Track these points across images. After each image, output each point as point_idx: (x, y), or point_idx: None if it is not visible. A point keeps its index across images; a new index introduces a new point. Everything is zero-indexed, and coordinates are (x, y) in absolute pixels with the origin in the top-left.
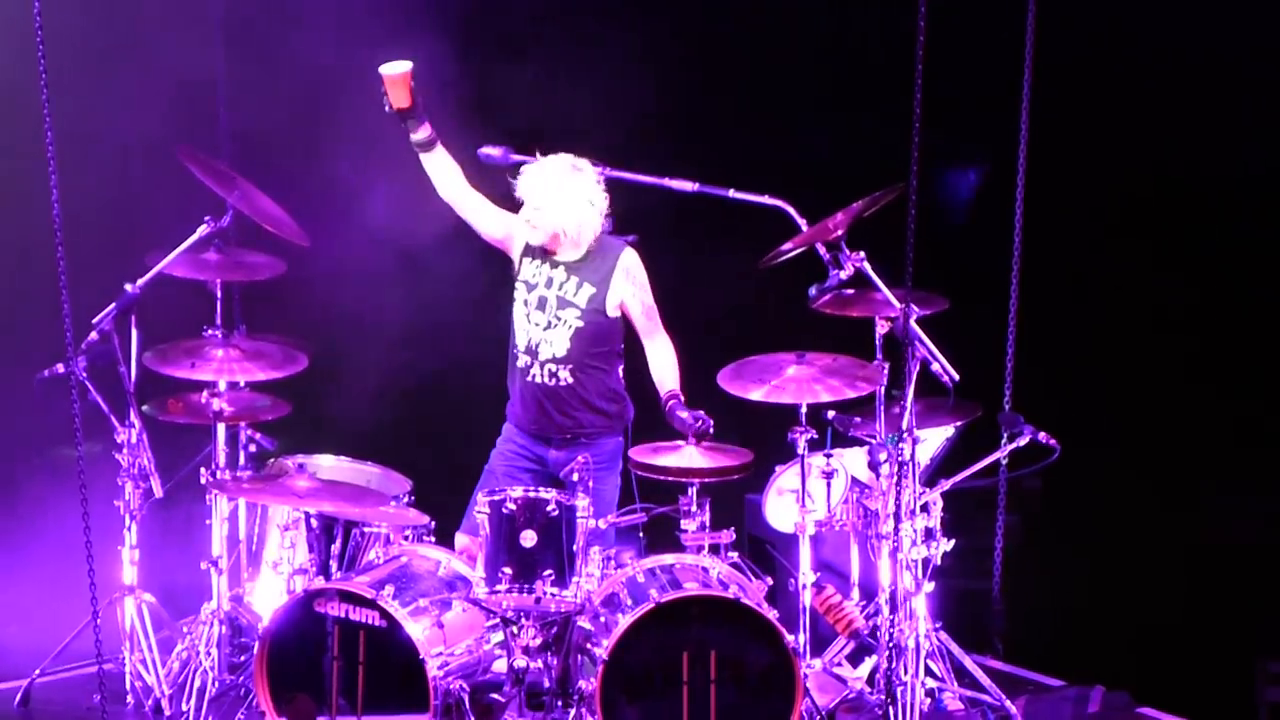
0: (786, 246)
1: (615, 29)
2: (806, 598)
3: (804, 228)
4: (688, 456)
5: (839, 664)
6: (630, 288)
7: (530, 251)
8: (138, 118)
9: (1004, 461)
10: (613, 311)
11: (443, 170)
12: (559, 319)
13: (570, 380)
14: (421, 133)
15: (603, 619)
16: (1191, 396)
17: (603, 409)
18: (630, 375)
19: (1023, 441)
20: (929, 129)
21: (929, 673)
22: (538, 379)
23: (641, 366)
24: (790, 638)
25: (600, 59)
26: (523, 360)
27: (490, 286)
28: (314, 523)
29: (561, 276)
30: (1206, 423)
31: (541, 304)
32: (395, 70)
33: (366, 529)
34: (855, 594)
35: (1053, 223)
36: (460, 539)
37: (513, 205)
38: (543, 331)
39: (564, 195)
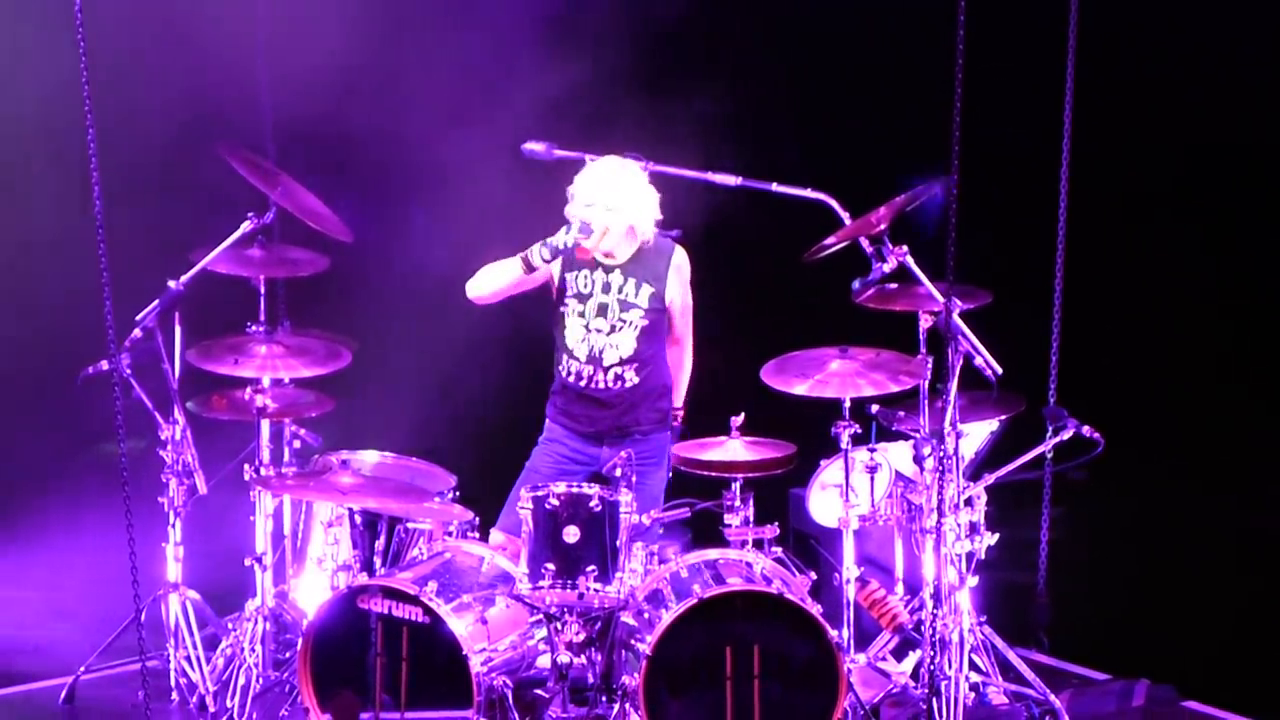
0: (830, 240)
1: (658, 25)
2: (850, 592)
3: (847, 222)
4: (731, 451)
5: (883, 659)
6: (679, 286)
7: (572, 266)
8: (181, 114)
9: (1049, 455)
10: (668, 306)
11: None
12: (624, 321)
13: (636, 380)
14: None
15: (646, 614)
16: (1238, 386)
17: (659, 406)
18: None
19: (1067, 435)
20: (972, 121)
21: (973, 667)
22: (601, 385)
23: None
24: (834, 633)
25: (644, 54)
26: (584, 370)
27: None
28: (358, 519)
29: (619, 280)
30: (1254, 413)
31: (603, 310)
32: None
33: (410, 525)
34: (899, 589)
35: (1097, 214)
36: (496, 536)
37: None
38: (606, 337)
39: (634, 193)
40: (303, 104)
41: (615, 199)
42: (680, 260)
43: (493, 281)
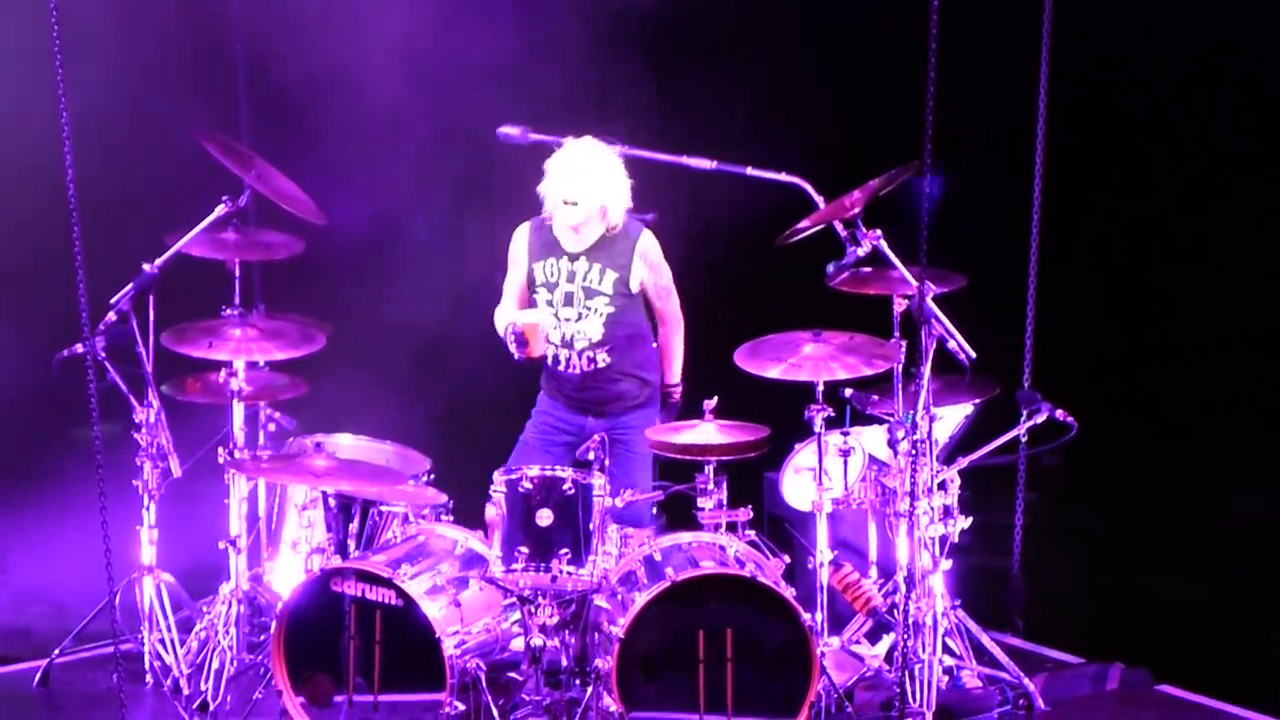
0: (803, 224)
1: (635, 9)
2: (824, 576)
3: (821, 205)
4: (704, 434)
5: (857, 642)
6: (646, 270)
7: (538, 255)
8: (155, 96)
9: (1023, 439)
10: (636, 290)
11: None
12: (589, 308)
13: (609, 359)
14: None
15: (619, 597)
16: (1213, 370)
17: (643, 378)
18: None
19: (1040, 419)
20: (946, 105)
21: (947, 650)
22: (577, 367)
23: None
24: (807, 616)
25: (620, 38)
26: (560, 354)
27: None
28: (332, 502)
29: (584, 267)
30: (1228, 397)
31: (569, 299)
32: (532, 320)
33: (385, 508)
34: (873, 572)
35: (1072, 198)
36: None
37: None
38: (575, 324)
39: (607, 174)
40: (278, 86)
41: (588, 179)
42: (645, 244)
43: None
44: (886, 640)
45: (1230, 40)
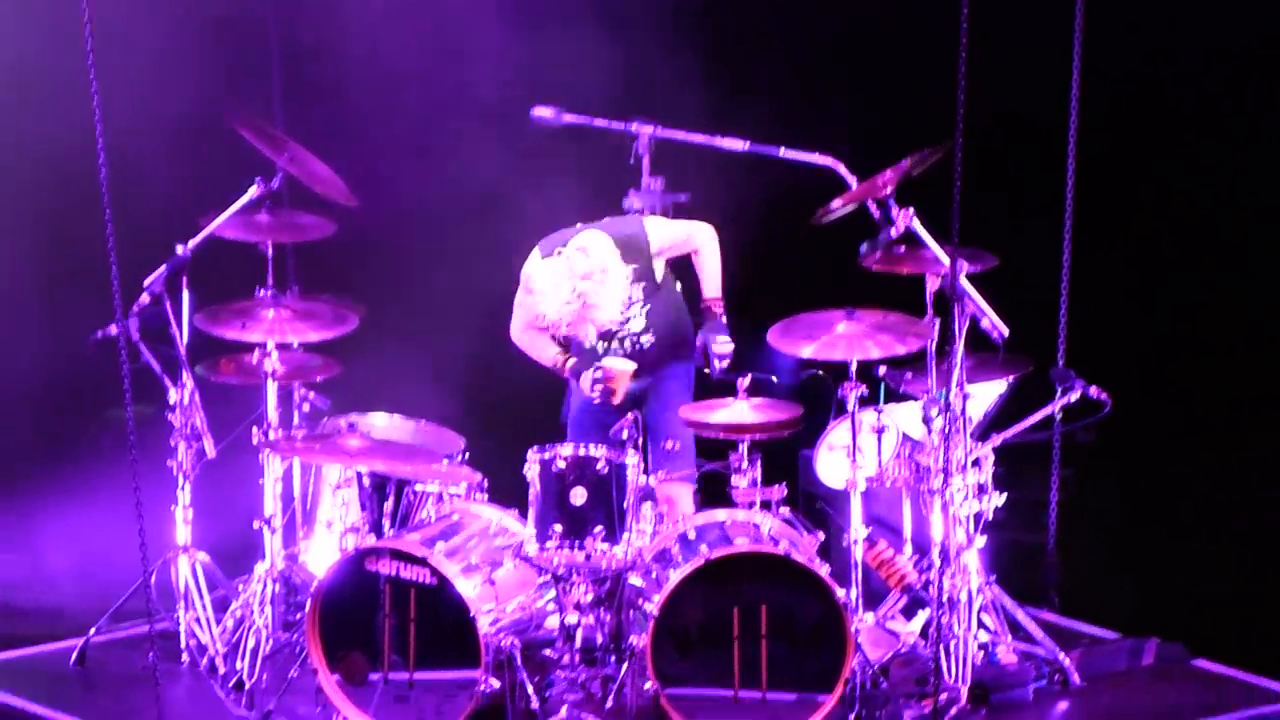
0: (836, 204)
1: None
2: (858, 553)
3: (854, 185)
4: (738, 413)
5: (892, 618)
6: (661, 242)
7: None
8: (188, 78)
9: (1057, 416)
10: (661, 272)
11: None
12: (629, 315)
13: (653, 339)
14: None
15: (654, 575)
16: (1247, 346)
17: (681, 344)
18: None
19: (1074, 396)
20: (979, 83)
21: (982, 626)
22: (621, 352)
23: None
24: (841, 592)
25: (653, 20)
26: (599, 346)
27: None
28: (366, 481)
29: None
30: (1263, 373)
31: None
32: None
33: (419, 487)
34: (908, 549)
35: (1106, 175)
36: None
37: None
38: (624, 325)
39: (602, 289)
40: (312, 68)
41: (595, 299)
42: (652, 234)
43: (533, 353)
44: (921, 616)
45: (1270, 14)
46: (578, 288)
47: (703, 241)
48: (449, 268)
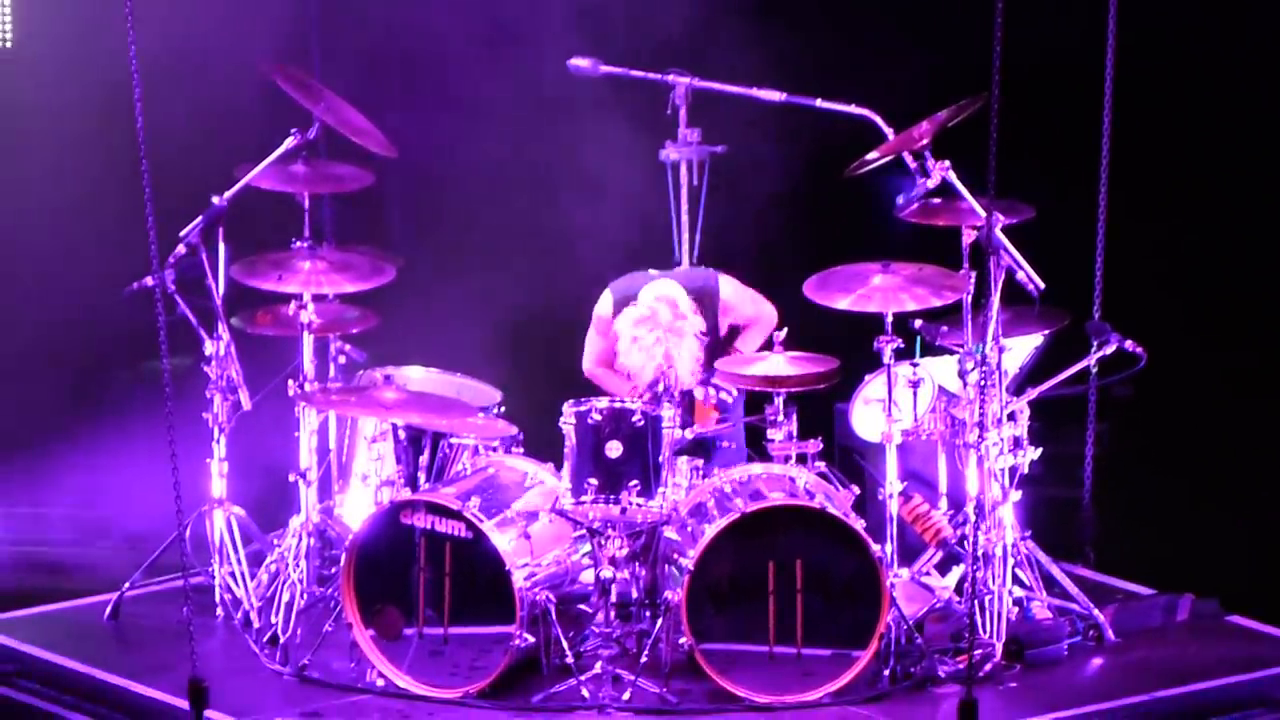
0: (872, 155)
1: None
2: (893, 507)
3: (890, 136)
4: (774, 366)
5: (926, 573)
6: (731, 308)
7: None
8: (225, 28)
9: (1093, 369)
10: (724, 330)
11: None
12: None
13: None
14: None
15: (689, 529)
16: None
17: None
18: None
19: (1110, 350)
20: (1015, 34)
21: (1017, 582)
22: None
23: None
24: (877, 547)
25: None
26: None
27: (582, 191)
28: (402, 435)
29: None
30: None
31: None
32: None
33: (455, 440)
34: (943, 503)
35: (1142, 127)
36: None
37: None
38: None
39: (684, 346)
40: (350, 17)
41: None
42: (724, 286)
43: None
44: (956, 571)
45: None
46: (663, 341)
47: (763, 325)
48: (487, 220)
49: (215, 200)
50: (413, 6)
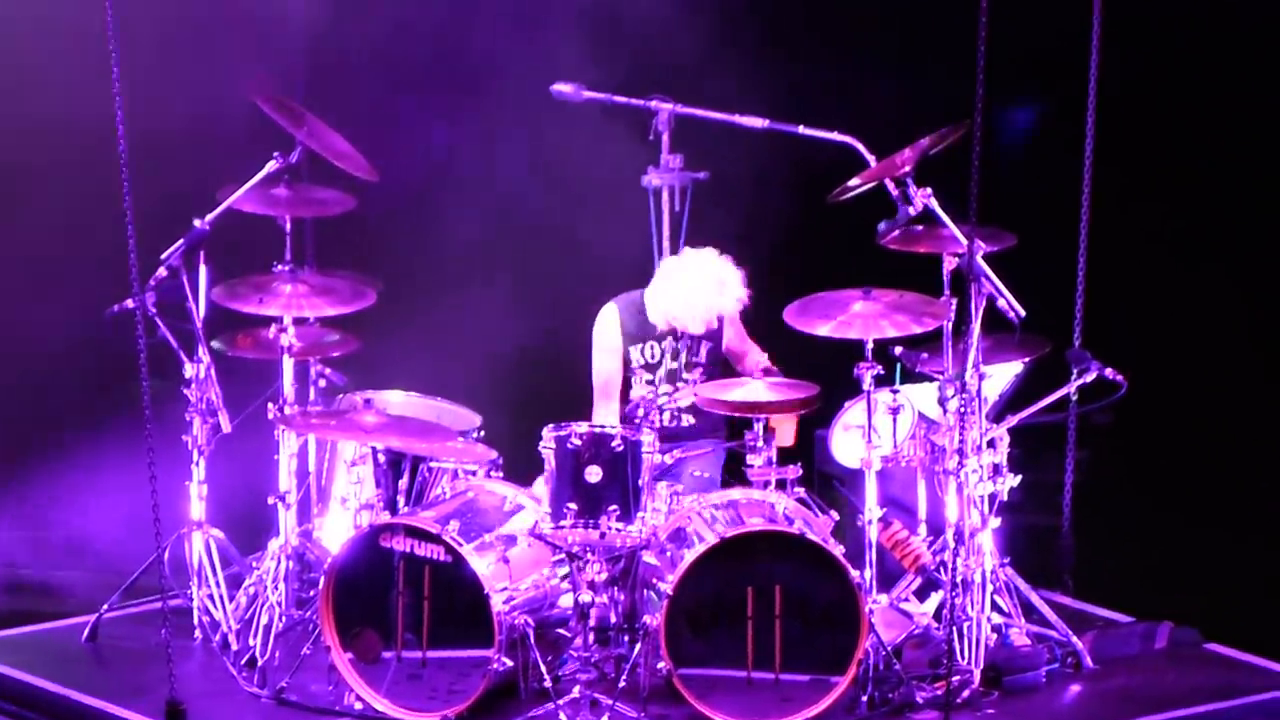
0: (854, 182)
1: None
2: (873, 533)
3: (872, 163)
4: (754, 391)
5: (905, 599)
6: (732, 332)
7: (635, 339)
8: (208, 52)
9: (1073, 397)
10: (723, 352)
11: None
12: (686, 380)
13: (693, 421)
14: None
15: (668, 554)
16: (1263, 329)
17: (713, 429)
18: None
19: (1090, 377)
20: (997, 62)
21: (995, 608)
22: (658, 423)
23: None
24: (855, 573)
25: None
26: (641, 411)
27: (561, 218)
28: (382, 458)
29: (688, 344)
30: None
31: (672, 376)
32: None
33: (434, 464)
34: (922, 530)
35: (1124, 155)
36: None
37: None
38: (669, 396)
39: (729, 294)
40: (336, 43)
41: (707, 297)
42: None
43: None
44: (935, 598)
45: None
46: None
47: (757, 351)
48: (468, 245)
49: (197, 223)
50: (395, 33)
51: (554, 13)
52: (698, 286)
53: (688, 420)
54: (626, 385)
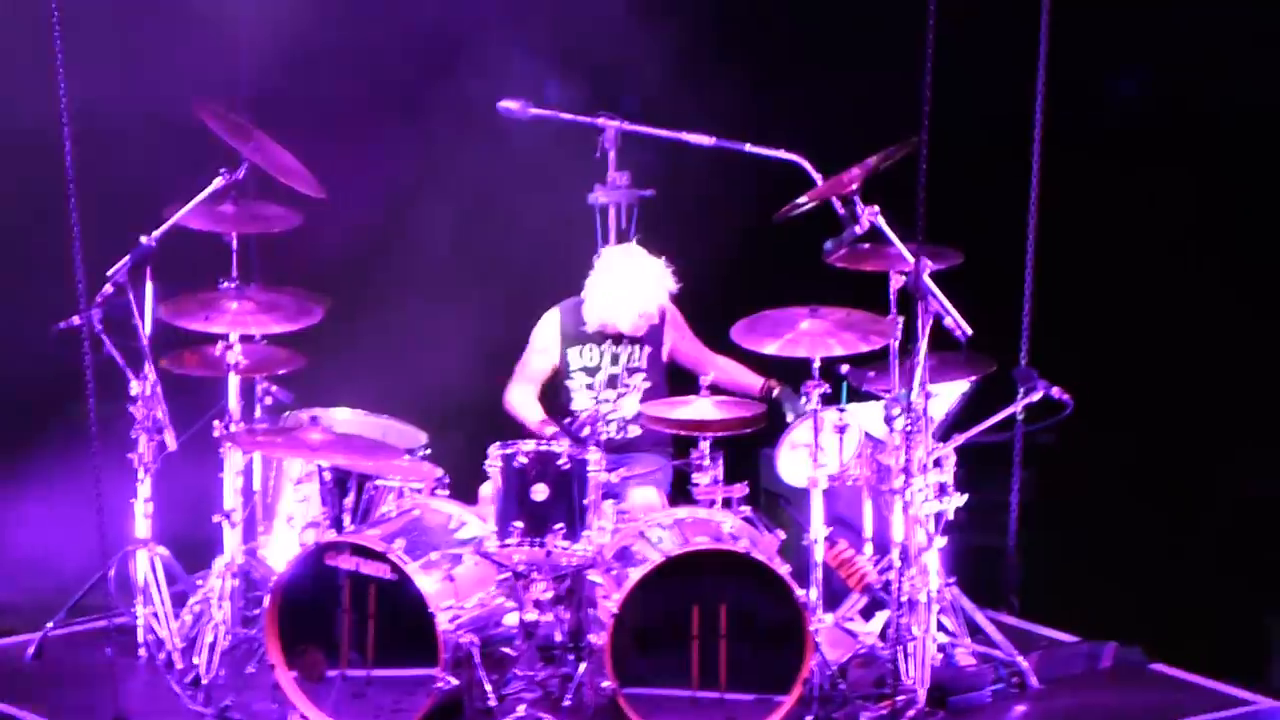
0: (801, 200)
1: None
2: (818, 552)
3: (819, 182)
4: (700, 410)
5: (851, 619)
6: (675, 335)
7: (573, 341)
8: (154, 69)
9: (1019, 416)
10: (665, 359)
11: None
12: (629, 385)
13: (639, 433)
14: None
15: (614, 573)
16: (1211, 349)
17: (659, 441)
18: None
19: (1036, 397)
20: (944, 79)
21: (941, 628)
22: (603, 436)
23: None
24: (801, 592)
25: (619, 14)
26: (586, 430)
27: (508, 234)
28: (328, 476)
29: (626, 348)
30: (1226, 377)
31: (612, 381)
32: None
33: (380, 482)
34: (868, 549)
35: (1071, 174)
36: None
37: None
38: (613, 403)
39: (654, 285)
40: (278, 58)
41: (638, 290)
42: (672, 314)
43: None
44: (880, 617)
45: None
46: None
47: (712, 357)
48: (415, 262)
49: (143, 239)
50: (342, 46)
51: (502, 31)
52: (620, 281)
53: (634, 431)
54: (568, 393)
